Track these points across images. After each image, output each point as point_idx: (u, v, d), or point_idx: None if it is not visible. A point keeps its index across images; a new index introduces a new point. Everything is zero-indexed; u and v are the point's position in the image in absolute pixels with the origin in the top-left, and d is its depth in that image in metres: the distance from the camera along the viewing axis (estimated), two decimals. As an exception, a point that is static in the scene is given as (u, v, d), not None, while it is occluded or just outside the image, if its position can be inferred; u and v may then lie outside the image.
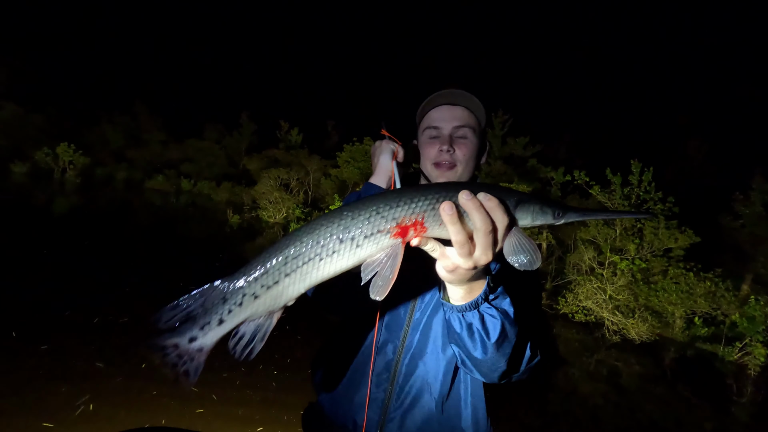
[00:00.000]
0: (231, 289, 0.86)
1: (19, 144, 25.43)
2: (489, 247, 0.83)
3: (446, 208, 0.80)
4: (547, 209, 0.92)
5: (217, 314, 0.86)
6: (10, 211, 12.60)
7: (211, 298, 0.86)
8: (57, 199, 16.86)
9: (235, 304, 0.86)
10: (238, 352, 0.87)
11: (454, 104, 1.40)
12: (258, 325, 0.88)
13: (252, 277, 0.86)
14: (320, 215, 0.90)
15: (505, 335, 0.99)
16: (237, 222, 17.29)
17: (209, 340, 0.87)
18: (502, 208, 0.83)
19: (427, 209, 0.85)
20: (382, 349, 1.29)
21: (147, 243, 11.16)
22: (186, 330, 0.86)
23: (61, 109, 31.85)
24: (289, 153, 24.79)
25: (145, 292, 6.76)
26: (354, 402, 1.28)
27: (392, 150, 1.48)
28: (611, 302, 9.39)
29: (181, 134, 34.37)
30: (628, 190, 11.45)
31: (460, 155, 1.36)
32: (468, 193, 0.80)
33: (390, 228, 0.84)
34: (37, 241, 9.18)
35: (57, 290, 6.14)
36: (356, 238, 0.84)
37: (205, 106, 48.62)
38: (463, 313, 0.99)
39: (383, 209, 0.84)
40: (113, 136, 32.51)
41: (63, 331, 4.96)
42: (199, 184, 27.07)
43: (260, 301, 0.86)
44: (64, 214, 13.90)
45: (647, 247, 10.19)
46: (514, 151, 23.12)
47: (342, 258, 0.85)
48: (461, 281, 0.93)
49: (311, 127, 34.46)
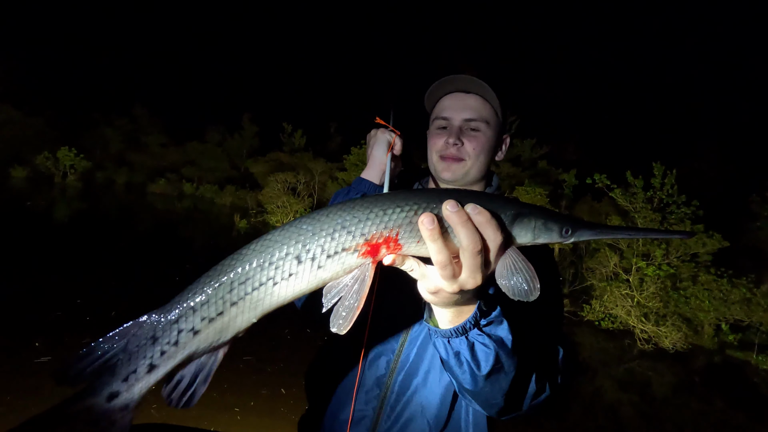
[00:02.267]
0: (162, 324, 0.69)
1: (18, 148, 25.03)
2: (477, 270, 0.71)
3: (425, 221, 0.68)
4: (553, 225, 0.78)
5: (146, 359, 0.68)
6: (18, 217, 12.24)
7: (137, 338, 0.69)
8: (58, 204, 16.47)
9: (170, 344, 0.69)
10: (174, 400, 0.71)
11: (467, 92, 1.26)
12: (200, 365, 0.73)
13: (189, 309, 0.70)
14: (274, 229, 0.75)
15: (499, 367, 0.85)
16: (245, 227, 16.99)
17: (137, 393, 0.69)
18: (494, 224, 0.70)
19: (402, 223, 0.72)
20: (374, 363, 1.17)
21: (151, 249, 10.81)
22: (103, 385, 0.67)
23: (60, 111, 31.45)
24: (294, 156, 24.49)
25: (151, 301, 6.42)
26: (339, 418, 1.17)
27: (388, 141, 1.31)
28: (639, 309, 9.14)
29: (181, 137, 34.03)
30: (650, 193, 11.20)
31: (470, 149, 1.23)
32: (453, 203, 0.68)
33: (357, 245, 0.71)
34: (45, 247, 8.83)
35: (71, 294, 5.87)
36: (317, 257, 0.71)
37: (205, 108, 48.24)
38: (448, 339, 0.85)
39: (350, 223, 0.71)
40: (113, 139, 32.07)
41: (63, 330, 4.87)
42: (201, 188, 26.73)
43: (201, 337, 0.71)
44: (67, 220, 13.52)
45: (674, 252, 9.94)
46: (521, 152, 22.98)
47: (300, 281, 0.71)
48: (446, 304, 0.80)
49: (313, 129, 34.19)
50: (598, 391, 7.13)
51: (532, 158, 22.32)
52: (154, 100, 40.44)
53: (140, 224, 15.39)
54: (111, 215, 16.10)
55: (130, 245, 10.76)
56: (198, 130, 36.46)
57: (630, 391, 7.27)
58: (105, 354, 0.68)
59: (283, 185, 17.67)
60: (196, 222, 18.35)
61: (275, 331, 5.80)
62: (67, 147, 22.74)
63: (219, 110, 45.73)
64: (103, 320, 5.34)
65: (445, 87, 1.29)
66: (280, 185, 17.60)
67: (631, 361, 8.70)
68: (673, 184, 11.06)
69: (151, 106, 36.64)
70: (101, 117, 34.02)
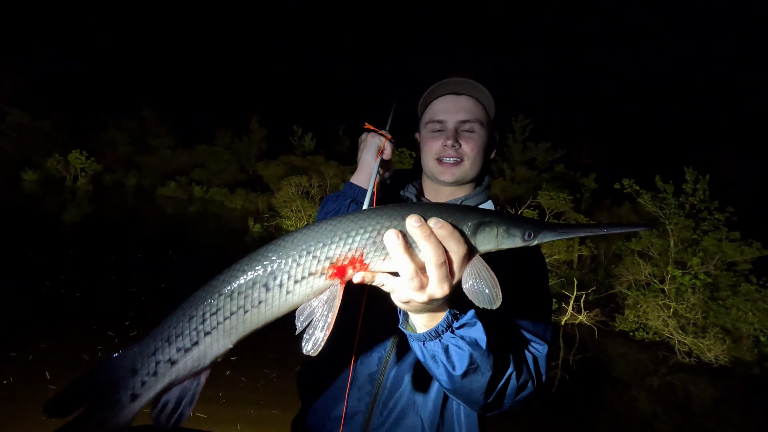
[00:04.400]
0: (141, 357, 0.74)
1: (27, 151, 24.90)
2: (444, 280, 0.73)
3: (391, 237, 0.70)
4: (515, 230, 0.80)
5: (128, 389, 0.73)
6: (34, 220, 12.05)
7: (118, 371, 0.73)
8: (69, 208, 16.27)
9: (149, 375, 0.73)
10: (162, 422, 0.75)
11: (460, 94, 1.27)
12: (183, 389, 0.76)
13: (164, 342, 0.74)
14: (243, 258, 0.76)
15: (475, 367, 0.88)
16: (259, 231, 16.76)
17: (123, 420, 0.73)
18: (457, 236, 0.72)
19: (366, 243, 0.73)
20: (366, 360, 1.19)
21: (164, 255, 10.56)
22: (92, 413, 0.72)
23: (68, 114, 31.33)
24: (305, 159, 24.27)
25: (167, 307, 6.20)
26: (331, 416, 1.19)
27: (378, 146, 1.29)
28: (676, 320, 8.80)
29: (189, 139, 33.87)
30: (683, 198, 10.87)
31: (468, 150, 1.25)
32: (416, 218, 0.70)
33: (324, 269, 0.73)
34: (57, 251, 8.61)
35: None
36: (284, 284, 0.73)
37: (213, 111, 48.15)
38: (423, 342, 0.88)
39: (314, 248, 0.73)
40: (121, 141, 31.93)
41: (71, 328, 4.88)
42: (211, 191, 26.52)
43: (179, 367, 0.74)
44: (80, 224, 13.31)
45: (710, 260, 9.59)
46: (536, 156, 22.69)
47: (271, 307, 0.74)
48: (420, 311, 0.83)
49: (322, 131, 33.99)
50: (632, 403, 6.90)
51: (546, 161, 21.99)
52: (161, 103, 40.39)
53: (151, 228, 15.19)
54: (122, 219, 15.90)
55: (144, 251, 10.51)
56: (206, 132, 36.33)
57: (667, 404, 7.02)
58: (90, 387, 0.72)
59: (297, 189, 17.44)
60: (207, 226, 18.14)
61: (265, 331, 5.72)
62: (78, 150, 22.54)
63: (227, 113, 45.67)
64: (118, 329, 5.29)
65: (436, 90, 1.29)
66: (294, 189, 17.37)
67: (667, 373, 8.40)
68: (705, 190, 10.74)
69: (159, 108, 36.51)
70: (109, 119, 33.91)
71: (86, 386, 0.73)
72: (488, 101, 1.28)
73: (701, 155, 25.11)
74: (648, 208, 11.20)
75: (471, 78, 1.24)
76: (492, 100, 1.27)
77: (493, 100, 1.27)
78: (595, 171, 18.47)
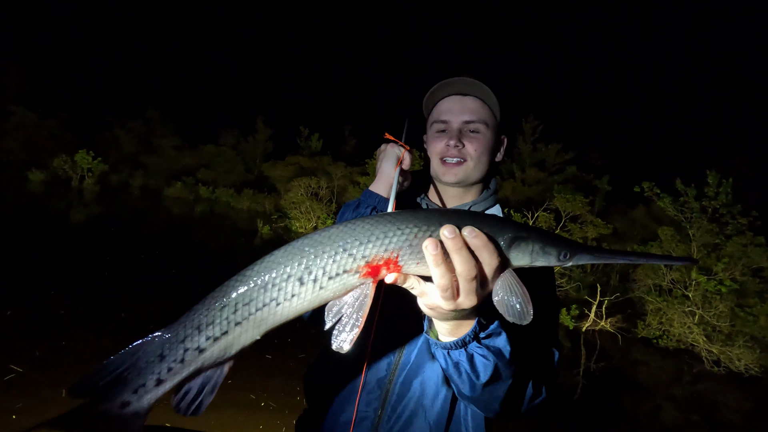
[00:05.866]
0: (169, 343, 0.74)
1: (34, 151, 24.79)
2: (473, 292, 0.73)
3: (430, 247, 0.69)
4: (551, 249, 0.77)
5: (154, 374, 0.73)
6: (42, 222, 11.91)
7: (146, 355, 0.74)
8: (77, 209, 16.14)
9: (176, 361, 0.73)
10: (183, 409, 0.76)
11: (465, 94, 1.27)
12: (206, 378, 0.77)
13: (194, 329, 0.73)
14: (277, 249, 0.76)
15: (498, 377, 0.88)
16: (268, 233, 16.60)
17: (146, 403, 0.74)
18: (491, 248, 0.71)
19: (402, 246, 0.73)
20: (375, 365, 1.18)
21: (173, 257, 10.39)
22: (116, 395, 0.73)
23: (74, 114, 31.20)
24: (313, 160, 24.09)
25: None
26: (340, 420, 1.18)
27: (397, 156, 1.31)
28: (702, 328, 8.59)
29: (194, 140, 33.72)
30: (706, 202, 10.63)
31: (471, 150, 1.24)
32: (451, 229, 0.69)
33: (359, 267, 0.73)
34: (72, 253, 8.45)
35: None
36: (319, 279, 0.73)
37: (218, 111, 47.98)
38: (448, 350, 0.87)
39: (351, 245, 0.72)
40: (126, 141, 31.80)
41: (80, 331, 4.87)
42: (217, 191, 26.38)
43: (206, 355, 0.74)
44: (85, 225, 13.16)
45: (734, 266, 9.36)
46: (546, 157, 22.47)
47: (302, 301, 0.74)
48: (445, 318, 0.82)
49: (327, 132, 33.83)
50: (656, 412, 6.71)
51: (557, 163, 21.77)
52: (167, 103, 40.27)
53: (158, 230, 15.01)
54: (129, 220, 15.74)
55: (151, 253, 10.35)
56: (211, 133, 36.20)
57: (692, 414, 6.83)
58: (116, 370, 0.73)
59: (306, 190, 17.28)
60: (214, 227, 17.98)
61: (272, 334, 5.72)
62: (85, 150, 22.40)
63: (232, 113, 45.50)
64: (121, 327, 5.27)
65: (442, 90, 1.28)
66: (303, 190, 17.21)
67: (693, 382, 8.19)
68: (728, 193, 10.51)
69: (164, 108, 36.38)
70: (114, 119, 33.80)
71: (113, 369, 0.73)
72: (494, 103, 1.27)
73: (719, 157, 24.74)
74: (669, 212, 10.98)
75: (477, 79, 1.23)
76: (497, 101, 1.27)
77: (500, 102, 1.26)
78: (607, 173, 18.31)
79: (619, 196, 16.09)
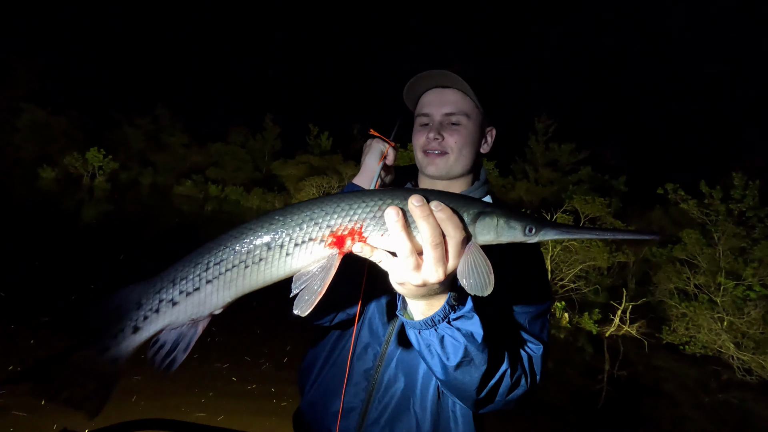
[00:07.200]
0: (146, 293, 0.79)
1: (44, 148, 24.83)
2: (439, 263, 0.73)
3: (391, 213, 0.72)
4: (516, 223, 0.79)
5: (132, 321, 0.79)
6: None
7: (127, 302, 0.79)
8: (87, 207, 16.11)
9: (151, 311, 0.79)
10: (157, 362, 0.79)
11: (445, 87, 1.26)
12: (180, 334, 0.81)
13: (169, 282, 0.79)
14: (252, 219, 0.80)
15: (469, 360, 0.88)
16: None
17: (124, 349, 0.79)
18: (455, 221, 0.73)
19: (366, 217, 0.76)
20: (362, 356, 1.19)
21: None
22: (96, 339, 0.78)
23: (83, 111, 31.26)
24: (323, 159, 23.97)
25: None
26: (329, 411, 1.20)
27: (381, 151, 1.30)
28: (731, 334, 8.35)
29: (203, 137, 33.72)
30: (732, 204, 10.37)
31: (452, 142, 1.24)
32: (419, 197, 0.72)
33: (324, 236, 0.76)
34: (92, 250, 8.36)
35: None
36: (285, 245, 0.76)
37: (226, 109, 48.05)
38: (419, 330, 0.88)
39: (317, 215, 0.76)
40: (135, 138, 31.82)
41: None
42: (227, 190, 26.34)
43: (179, 309, 0.79)
44: (96, 223, 13.11)
45: (764, 270, 9.10)
46: (559, 157, 22.19)
47: (271, 267, 0.77)
48: (415, 296, 0.82)
49: (336, 129, 33.71)
50: (683, 421, 6.53)
51: (570, 163, 21.48)
52: (175, 101, 40.30)
53: (169, 228, 14.99)
54: (141, 219, 15.72)
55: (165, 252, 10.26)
56: (220, 130, 36.18)
57: (721, 423, 6.65)
58: (99, 313, 0.79)
59: (318, 189, 17.16)
60: (224, 226, 17.88)
61: (269, 329, 5.75)
62: (96, 148, 22.40)
63: (240, 111, 45.47)
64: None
65: (423, 83, 1.29)
66: (315, 189, 17.09)
67: (721, 390, 7.98)
68: (755, 196, 10.24)
69: (172, 106, 36.39)
70: (123, 117, 33.85)
71: (96, 312, 0.78)
72: (478, 94, 1.27)
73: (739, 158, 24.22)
74: (694, 214, 10.73)
75: (457, 71, 1.22)
76: (481, 93, 1.26)
77: (480, 93, 1.26)
78: (622, 173, 18.04)
79: (636, 197, 15.89)
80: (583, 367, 8.25)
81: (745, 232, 9.99)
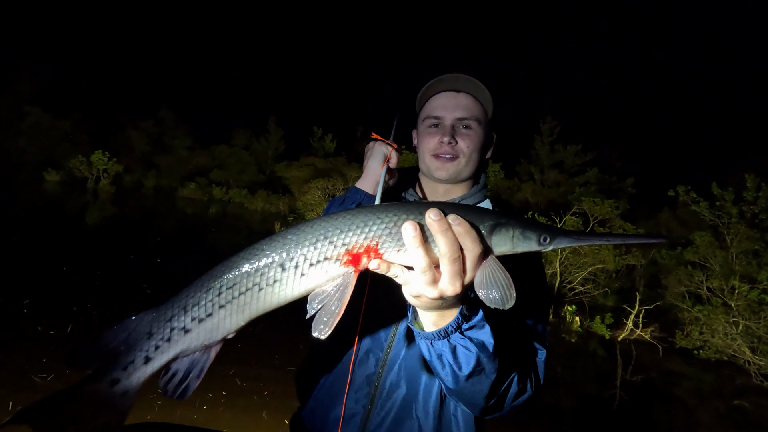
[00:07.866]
0: (157, 321, 0.77)
1: (49, 151, 24.86)
2: (456, 277, 0.74)
3: (409, 228, 0.71)
4: (531, 234, 0.80)
5: (143, 351, 0.76)
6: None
7: (135, 333, 0.76)
8: (91, 210, 16.08)
9: (163, 340, 0.76)
10: (170, 391, 0.77)
11: (459, 91, 1.27)
12: (193, 361, 0.78)
13: (180, 309, 0.77)
14: (263, 239, 0.79)
15: (480, 369, 0.88)
16: (285, 235, 16.44)
17: (135, 381, 0.76)
18: (473, 234, 0.73)
19: (382, 233, 0.75)
20: (364, 362, 1.19)
21: (191, 262, 10.24)
22: (106, 372, 0.75)
23: (87, 114, 31.29)
24: (327, 161, 23.93)
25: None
26: (329, 418, 1.19)
27: (384, 154, 1.31)
28: (747, 339, 8.20)
29: (206, 140, 33.74)
30: (745, 207, 10.23)
31: (464, 146, 1.25)
32: (436, 212, 0.71)
33: (339, 255, 0.75)
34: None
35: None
36: (300, 266, 0.75)
37: (230, 111, 48.14)
38: (431, 341, 0.88)
39: (332, 234, 0.75)
40: (139, 141, 31.83)
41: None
42: (231, 192, 26.32)
43: (192, 336, 0.76)
44: (101, 226, 13.06)
45: (777, 273, 8.95)
46: (564, 159, 22.07)
47: (285, 288, 0.75)
48: (429, 308, 0.83)
49: (340, 131, 33.68)
50: (696, 426, 6.39)
51: (576, 164, 21.37)
52: (179, 103, 40.35)
53: (174, 231, 14.93)
54: (145, 222, 15.67)
55: (169, 256, 10.21)
56: (223, 133, 36.20)
57: (736, 429, 6.50)
58: (109, 344, 0.75)
59: (323, 192, 17.08)
60: (231, 229, 17.86)
61: (266, 333, 5.59)
62: (101, 151, 22.40)
63: (243, 113, 45.52)
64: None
65: (435, 86, 1.28)
66: (320, 192, 17.01)
67: (737, 396, 7.84)
68: (768, 198, 10.09)
69: (176, 109, 36.41)
70: (126, 119, 33.86)
71: (104, 344, 0.75)
72: (487, 101, 1.28)
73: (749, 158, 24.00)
74: (705, 216, 10.59)
75: (471, 76, 1.23)
76: (490, 99, 1.27)
77: (492, 99, 1.27)
78: (629, 175, 17.89)
79: (643, 199, 15.72)
80: (595, 371, 8.12)
81: (758, 234, 9.86)
